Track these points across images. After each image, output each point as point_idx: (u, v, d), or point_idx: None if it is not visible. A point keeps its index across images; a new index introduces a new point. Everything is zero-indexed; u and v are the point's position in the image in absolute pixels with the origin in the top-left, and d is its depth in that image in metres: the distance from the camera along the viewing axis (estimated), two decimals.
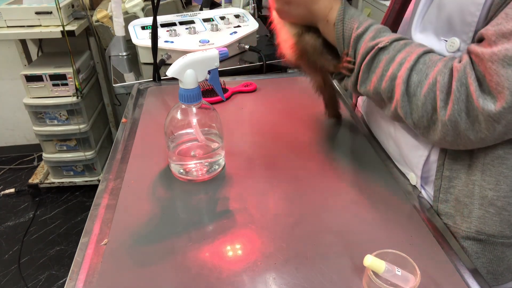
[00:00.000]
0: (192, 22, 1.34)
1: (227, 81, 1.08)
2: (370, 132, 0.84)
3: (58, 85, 1.93)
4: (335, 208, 0.65)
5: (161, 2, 1.14)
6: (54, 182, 2.21)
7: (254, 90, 1.04)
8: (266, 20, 1.54)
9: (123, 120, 0.91)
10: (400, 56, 0.57)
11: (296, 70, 0.74)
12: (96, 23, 1.53)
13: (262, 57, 1.24)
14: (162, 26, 1.29)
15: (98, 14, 1.52)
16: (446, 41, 0.57)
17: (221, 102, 0.98)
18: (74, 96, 1.94)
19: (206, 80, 0.69)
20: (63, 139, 2.09)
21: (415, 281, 0.48)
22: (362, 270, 0.52)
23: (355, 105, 0.95)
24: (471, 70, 0.50)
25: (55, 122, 2.02)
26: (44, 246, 1.94)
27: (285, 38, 0.72)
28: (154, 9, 1.00)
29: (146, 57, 1.24)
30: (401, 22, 0.71)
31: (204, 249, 0.57)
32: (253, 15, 1.52)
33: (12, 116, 2.49)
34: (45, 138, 2.06)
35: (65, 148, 2.12)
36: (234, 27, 1.32)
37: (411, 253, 0.51)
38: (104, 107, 2.31)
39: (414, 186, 0.69)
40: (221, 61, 0.69)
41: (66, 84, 1.93)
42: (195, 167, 0.72)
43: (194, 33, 1.26)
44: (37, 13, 1.78)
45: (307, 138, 0.83)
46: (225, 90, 1.02)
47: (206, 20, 1.36)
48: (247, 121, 0.92)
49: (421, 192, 0.68)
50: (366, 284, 0.50)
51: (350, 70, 0.63)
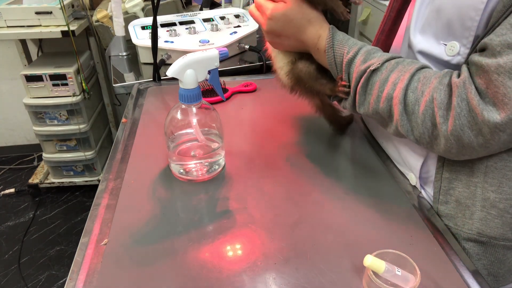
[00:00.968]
0: (192, 22, 1.34)
1: (227, 81, 1.08)
2: (370, 132, 0.84)
3: (58, 85, 1.93)
4: (335, 208, 0.65)
5: (161, 2, 1.14)
6: (54, 182, 2.21)
7: (254, 90, 1.04)
8: None
9: (123, 120, 0.91)
10: (393, 76, 0.57)
11: (293, 94, 0.75)
12: (96, 23, 1.53)
13: (262, 57, 1.24)
14: (162, 26, 1.29)
15: (98, 14, 1.52)
16: (446, 45, 0.57)
17: (221, 102, 0.98)
18: (76, 96, 1.94)
19: (206, 80, 0.69)
20: (63, 139, 2.09)
21: (415, 281, 0.48)
22: (362, 270, 0.52)
23: None
24: (471, 85, 0.50)
25: (55, 122, 2.02)
26: (44, 246, 1.94)
27: (280, 65, 0.73)
28: (154, 9, 1.00)
29: (146, 57, 1.23)
30: (399, 24, 0.71)
31: (204, 249, 0.57)
32: None
33: (12, 116, 2.49)
34: (45, 138, 2.06)
35: (65, 148, 2.12)
36: (234, 27, 1.32)
37: (411, 253, 0.51)
38: (104, 107, 2.31)
39: (414, 186, 0.69)
40: (221, 61, 0.69)
41: (66, 84, 1.93)
42: (195, 167, 0.72)
43: (194, 33, 1.26)
44: (37, 13, 1.78)
45: (307, 138, 0.83)
46: (225, 90, 1.02)
47: (206, 20, 1.36)
48: (247, 121, 0.92)
49: (421, 192, 0.68)
50: (366, 284, 0.50)
51: (347, 93, 0.64)
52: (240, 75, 1.14)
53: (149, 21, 1.32)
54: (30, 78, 1.90)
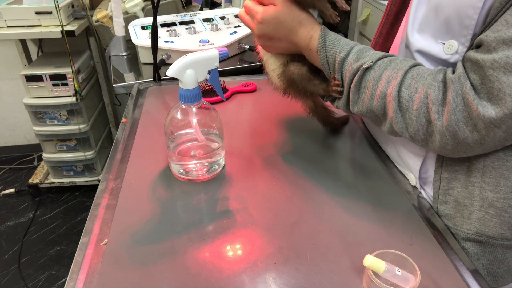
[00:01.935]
0: (192, 22, 1.34)
1: (227, 81, 1.08)
2: (370, 133, 0.84)
3: (58, 85, 1.93)
4: (335, 208, 0.65)
5: (161, 2, 1.14)
6: (54, 182, 2.21)
7: (254, 90, 1.04)
8: None
9: (123, 120, 0.91)
10: (386, 73, 0.57)
11: (286, 96, 0.75)
12: (96, 23, 1.53)
13: None
14: (162, 26, 1.29)
15: (98, 14, 1.52)
16: (444, 43, 0.57)
17: (221, 102, 0.98)
18: (73, 97, 1.94)
19: (206, 80, 0.69)
20: (63, 139, 2.09)
21: (415, 281, 0.48)
22: (362, 270, 0.53)
23: None
24: (466, 80, 0.50)
25: (55, 122, 2.02)
26: (44, 246, 1.94)
27: (272, 68, 0.73)
28: (154, 9, 1.00)
29: (146, 57, 1.24)
30: (397, 28, 0.71)
31: (204, 249, 0.57)
32: None
33: (12, 116, 2.49)
34: (45, 138, 2.06)
35: (65, 148, 2.12)
36: (234, 27, 1.32)
37: (411, 253, 0.51)
38: (104, 107, 2.31)
39: (414, 187, 0.69)
40: (221, 61, 0.69)
41: (66, 84, 1.93)
42: (195, 167, 0.72)
43: (194, 33, 1.26)
44: (37, 13, 1.78)
45: (307, 138, 0.83)
46: (225, 90, 1.02)
47: (206, 20, 1.36)
48: (247, 121, 0.92)
49: (421, 192, 0.68)
50: (366, 284, 0.50)
51: (340, 93, 0.64)
52: (240, 75, 1.14)
53: (149, 21, 1.32)
54: (30, 78, 1.90)
